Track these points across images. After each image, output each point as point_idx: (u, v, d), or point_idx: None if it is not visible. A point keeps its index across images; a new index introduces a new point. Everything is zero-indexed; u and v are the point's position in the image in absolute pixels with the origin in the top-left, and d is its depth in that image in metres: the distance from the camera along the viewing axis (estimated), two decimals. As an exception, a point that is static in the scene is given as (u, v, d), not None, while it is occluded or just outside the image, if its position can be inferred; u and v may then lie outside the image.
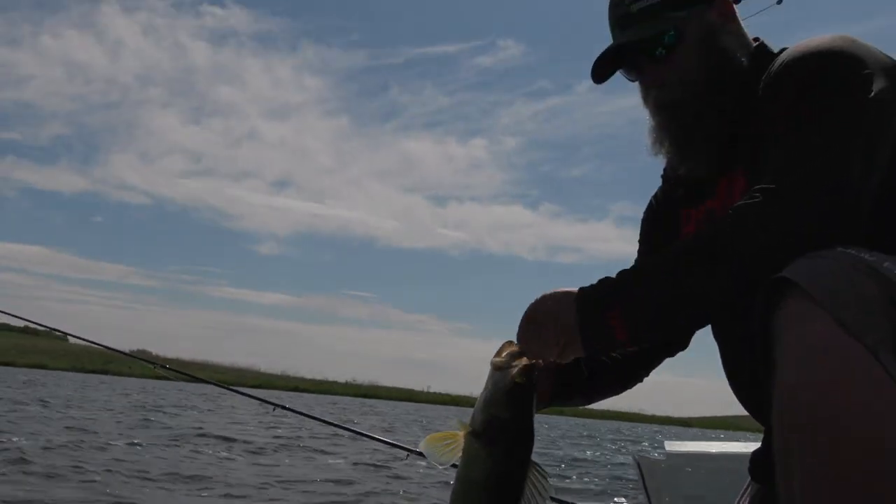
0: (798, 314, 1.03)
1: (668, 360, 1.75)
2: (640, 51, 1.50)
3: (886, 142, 1.23)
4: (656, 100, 1.50)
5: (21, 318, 3.40)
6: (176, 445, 9.45)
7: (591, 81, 1.58)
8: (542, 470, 1.20)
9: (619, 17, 1.51)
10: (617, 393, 1.71)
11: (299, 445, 11.10)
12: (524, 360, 1.23)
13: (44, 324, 3.23)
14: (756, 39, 1.53)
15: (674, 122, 1.48)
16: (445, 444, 1.21)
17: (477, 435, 1.19)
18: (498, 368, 1.22)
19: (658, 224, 1.73)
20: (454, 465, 1.24)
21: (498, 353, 1.25)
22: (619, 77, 1.59)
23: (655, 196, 1.78)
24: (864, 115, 1.22)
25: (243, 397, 2.69)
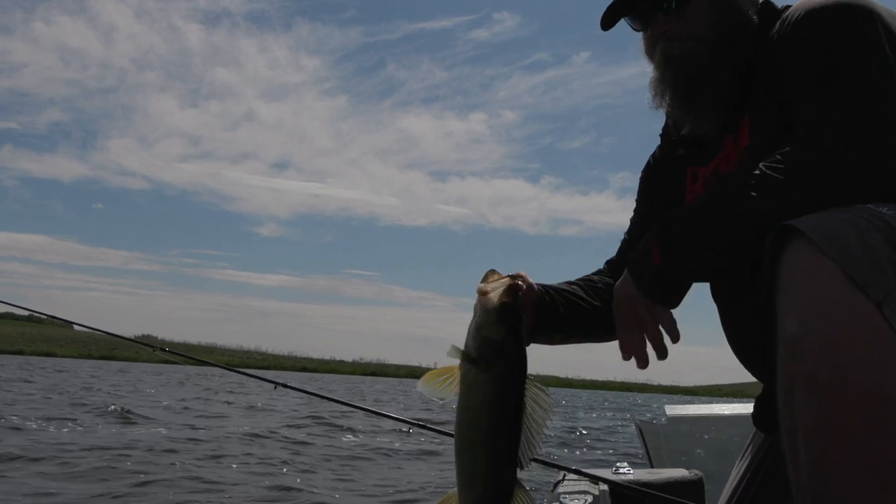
0: (804, 265, 1.02)
1: None
2: (653, 1, 1.47)
3: None
4: (665, 52, 1.47)
5: (24, 307, 3.40)
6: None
7: (588, 52, 1.63)
8: (541, 386, 1.21)
9: None
10: (600, 338, 1.65)
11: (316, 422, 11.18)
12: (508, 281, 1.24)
13: (46, 313, 3.23)
14: None
15: (681, 76, 1.45)
16: (442, 379, 1.23)
17: (473, 361, 1.20)
18: (484, 293, 1.23)
19: (660, 182, 1.71)
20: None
21: (484, 280, 1.27)
22: (615, 45, 1.57)
23: (653, 155, 1.76)
24: (890, 70, 1.22)
25: (248, 378, 2.70)
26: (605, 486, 2.51)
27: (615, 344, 1.44)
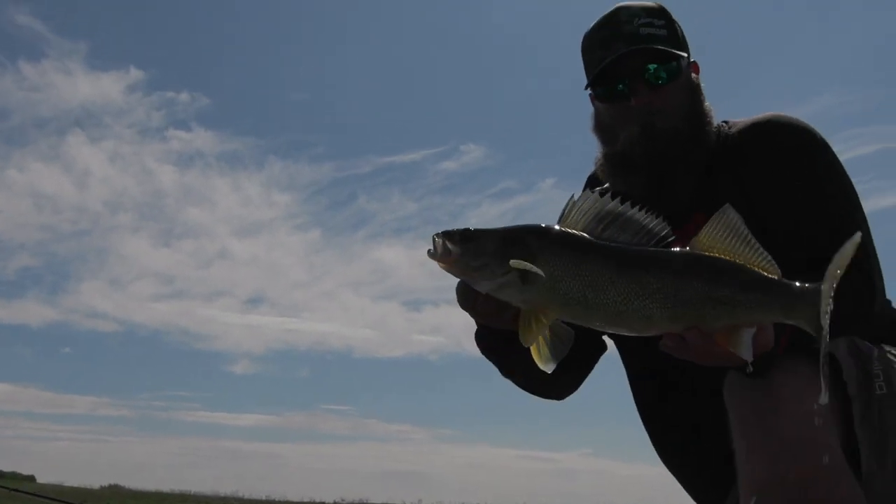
0: (768, 402, 1.07)
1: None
2: (643, 71, 1.49)
3: None
4: (655, 125, 1.46)
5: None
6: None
7: (553, 178, 1.62)
8: None
9: (628, 35, 1.50)
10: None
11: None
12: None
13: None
14: None
15: (665, 149, 1.46)
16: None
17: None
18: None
19: None
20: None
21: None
22: (580, 169, 1.61)
23: None
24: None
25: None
26: None
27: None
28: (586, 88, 1.59)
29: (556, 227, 1.07)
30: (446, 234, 1.05)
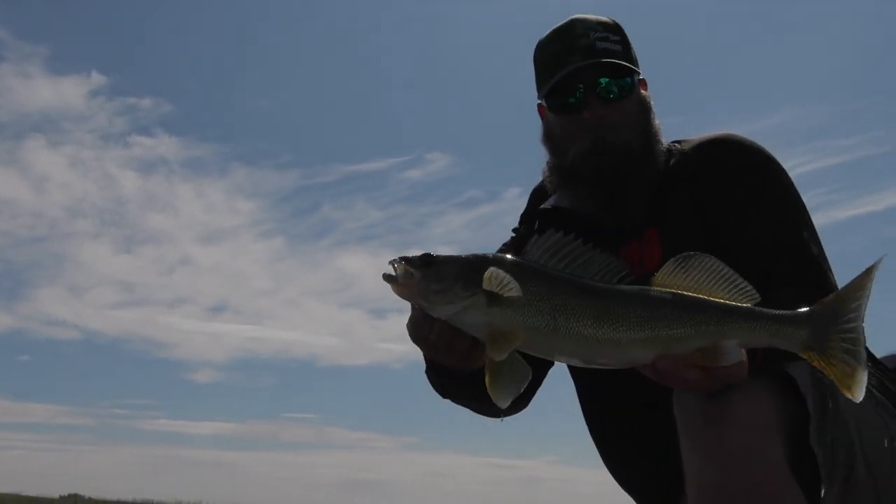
0: (716, 413, 1.07)
1: None
2: (597, 84, 1.46)
3: None
4: (607, 139, 1.44)
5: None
6: None
7: (518, 188, 1.61)
8: None
9: (584, 47, 1.48)
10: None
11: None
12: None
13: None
14: None
15: (616, 163, 1.43)
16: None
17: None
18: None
19: None
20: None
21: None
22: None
23: (511, 245, 1.64)
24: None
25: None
26: None
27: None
28: (539, 99, 1.58)
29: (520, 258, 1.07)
30: (406, 259, 1.04)
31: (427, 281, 1.01)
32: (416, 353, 1.26)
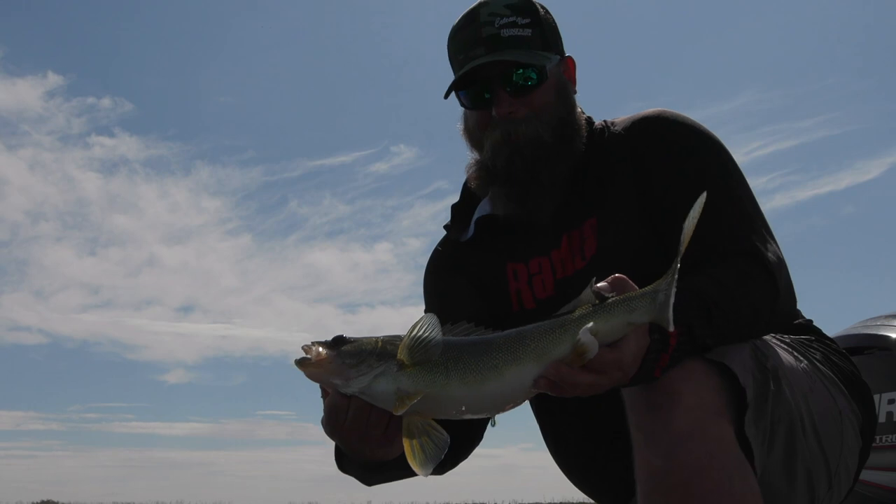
0: (662, 398, 1.07)
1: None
2: (504, 77, 1.39)
3: None
4: (514, 133, 1.38)
5: None
6: None
7: None
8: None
9: (488, 37, 1.39)
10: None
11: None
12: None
13: None
14: None
15: (528, 158, 1.38)
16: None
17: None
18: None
19: (460, 277, 1.54)
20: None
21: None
22: None
23: (440, 252, 1.62)
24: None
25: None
26: None
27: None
28: (447, 93, 1.49)
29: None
30: (320, 343, 1.08)
31: (342, 357, 1.07)
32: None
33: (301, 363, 1.08)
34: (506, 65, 1.40)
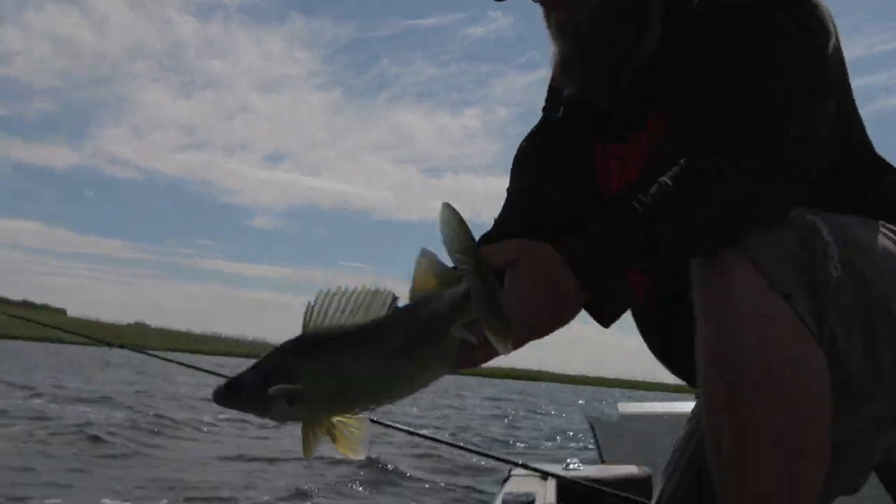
0: (719, 269, 1.05)
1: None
2: None
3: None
4: (566, 21, 1.28)
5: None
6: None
7: None
8: None
9: None
10: None
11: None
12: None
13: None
14: None
15: (583, 46, 1.28)
16: None
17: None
18: None
19: (549, 156, 1.50)
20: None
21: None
22: None
23: (531, 134, 1.55)
24: (823, 61, 1.15)
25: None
26: (553, 482, 2.55)
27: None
28: None
29: (305, 334, 1.08)
30: (215, 395, 1.09)
31: (241, 403, 1.10)
32: (469, 212, 1.05)
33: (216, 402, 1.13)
34: None
